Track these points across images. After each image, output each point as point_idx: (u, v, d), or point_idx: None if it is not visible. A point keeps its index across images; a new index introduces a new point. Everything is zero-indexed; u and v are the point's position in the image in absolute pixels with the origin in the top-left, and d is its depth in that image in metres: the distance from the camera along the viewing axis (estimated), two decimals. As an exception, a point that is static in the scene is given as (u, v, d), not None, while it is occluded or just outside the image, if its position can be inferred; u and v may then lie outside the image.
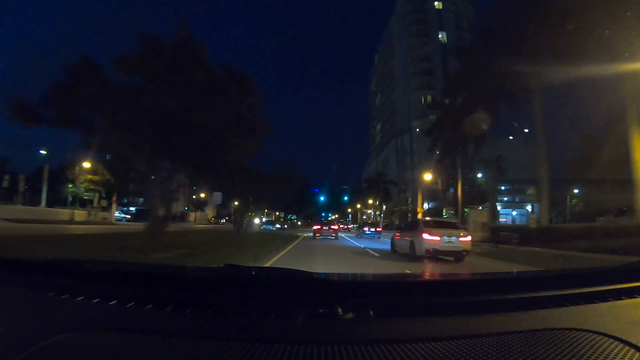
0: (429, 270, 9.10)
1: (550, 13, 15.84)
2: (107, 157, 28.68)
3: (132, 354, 0.77)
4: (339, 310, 0.91)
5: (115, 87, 12.42)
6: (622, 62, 12.77)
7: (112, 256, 7.47)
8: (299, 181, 31.83)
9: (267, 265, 8.53)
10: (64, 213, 28.10)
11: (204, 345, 0.78)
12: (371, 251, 13.76)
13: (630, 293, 1.10)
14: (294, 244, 16.43)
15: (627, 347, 0.81)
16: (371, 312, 0.92)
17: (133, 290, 1.05)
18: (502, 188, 44.11)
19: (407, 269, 8.59)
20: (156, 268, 1.51)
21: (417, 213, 33.40)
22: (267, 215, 56.35)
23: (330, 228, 23.72)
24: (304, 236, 24.25)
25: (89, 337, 0.83)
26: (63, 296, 1.03)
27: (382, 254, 12.40)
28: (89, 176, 29.85)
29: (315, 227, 24.10)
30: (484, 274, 1.74)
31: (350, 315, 0.90)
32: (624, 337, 0.84)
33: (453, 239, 9.90)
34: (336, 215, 74.28)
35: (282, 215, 64.93)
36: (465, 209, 27.35)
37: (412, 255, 10.39)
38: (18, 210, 25.03)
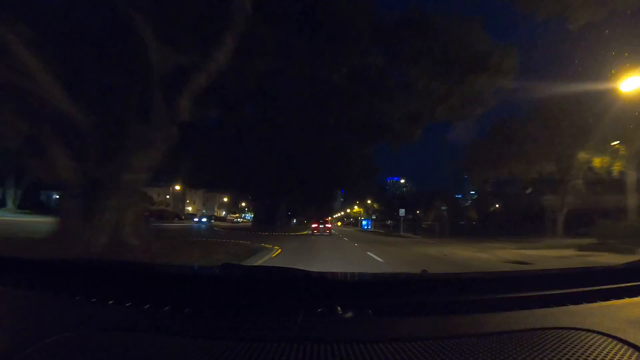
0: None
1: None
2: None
3: (131, 353, 0.78)
4: (339, 309, 0.91)
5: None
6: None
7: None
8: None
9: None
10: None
11: (202, 344, 0.78)
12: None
13: (631, 292, 1.10)
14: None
15: (626, 347, 0.81)
16: (372, 311, 0.92)
17: (131, 290, 1.04)
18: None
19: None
20: (154, 267, 1.51)
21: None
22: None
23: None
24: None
25: (87, 337, 0.83)
26: (61, 296, 1.02)
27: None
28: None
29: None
30: (485, 274, 1.75)
31: (349, 314, 0.90)
32: (623, 337, 0.84)
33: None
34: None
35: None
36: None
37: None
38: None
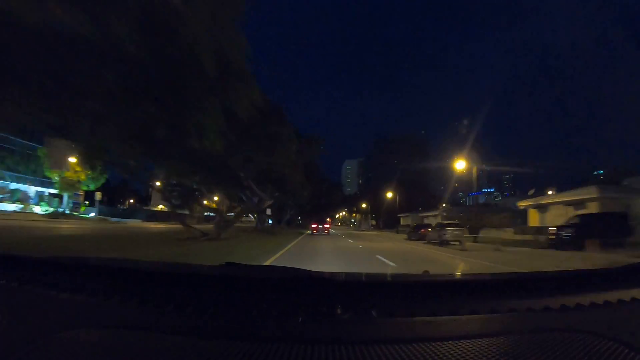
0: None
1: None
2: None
3: (132, 352, 0.78)
4: (340, 309, 0.91)
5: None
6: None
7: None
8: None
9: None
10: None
11: (204, 344, 0.79)
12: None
13: (630, 294, 1.09)
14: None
15: (626, 349, 0.82)
16: (372, 312, 0.92)
17: (133, 288, 1.04)
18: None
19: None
20: (156, 266, 1.51)
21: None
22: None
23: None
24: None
25: (89, 335, 0.83)
26: (62, 293, 1.01)
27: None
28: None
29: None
30: (485, 275, 1.78)
31: (351, 314, 0.90)
32: (623, 339, 0.85)
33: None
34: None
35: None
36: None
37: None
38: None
